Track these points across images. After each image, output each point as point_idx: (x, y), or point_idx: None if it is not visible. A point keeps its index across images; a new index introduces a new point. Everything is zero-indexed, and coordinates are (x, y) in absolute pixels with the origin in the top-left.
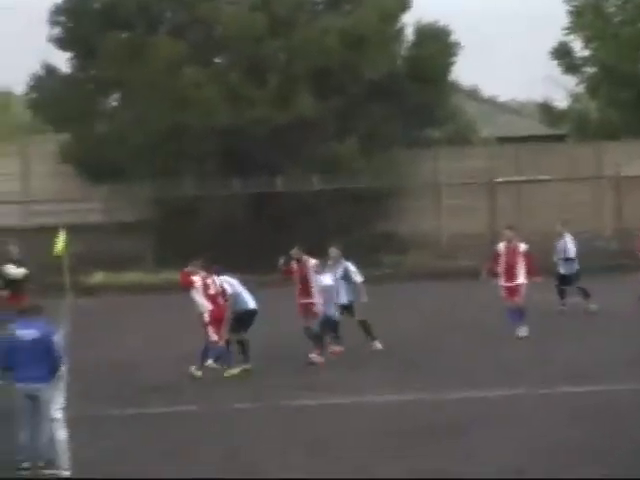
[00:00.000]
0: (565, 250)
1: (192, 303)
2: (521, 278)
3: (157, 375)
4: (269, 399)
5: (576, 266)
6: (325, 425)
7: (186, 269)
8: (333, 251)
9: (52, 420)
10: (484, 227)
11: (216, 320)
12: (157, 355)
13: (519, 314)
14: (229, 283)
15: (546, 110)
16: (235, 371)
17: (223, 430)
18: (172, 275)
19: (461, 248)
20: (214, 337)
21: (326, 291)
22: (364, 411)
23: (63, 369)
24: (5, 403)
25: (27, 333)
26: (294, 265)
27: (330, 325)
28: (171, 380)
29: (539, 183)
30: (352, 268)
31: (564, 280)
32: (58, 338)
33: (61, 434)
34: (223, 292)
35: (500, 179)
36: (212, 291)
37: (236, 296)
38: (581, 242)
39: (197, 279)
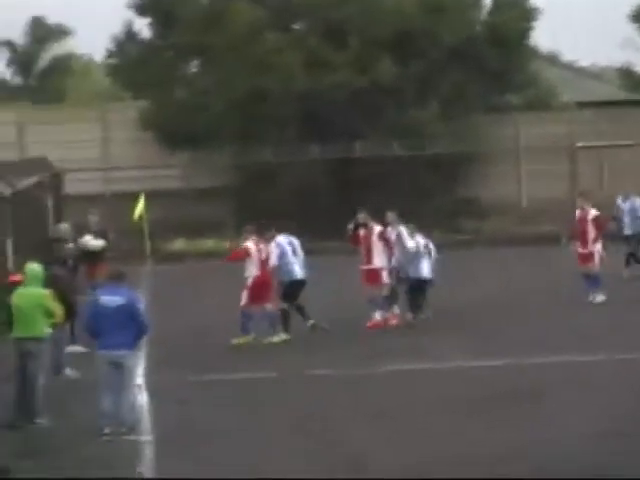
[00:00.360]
0: (634, 209)
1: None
2: (593, 245)
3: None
4: (344, 367)
5: None
6: (404, 392)
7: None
8: (390, 216)
9: (134, 386)
10: (564, 192)
11: (259, 285)
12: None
13: (594, 280)
14: (281, 251)
15: (626, 75)
16: (276, 339)
17: (301, 396)
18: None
19: (541, 213)
20: (244, 301)
21: (412, 255)
22: (442, 377)
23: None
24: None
25: (111, 300)
26: (361, 231)
27: (420, 287)
28: (248, 347)
29: (620, 148)
30: (405, 233)
31: (628, 241)
32: (142, 305)
33: (141, 399)
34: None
35: (581, 144)
36: (263, 256)
37: (283, 266)
38: None
39: (251, 246)
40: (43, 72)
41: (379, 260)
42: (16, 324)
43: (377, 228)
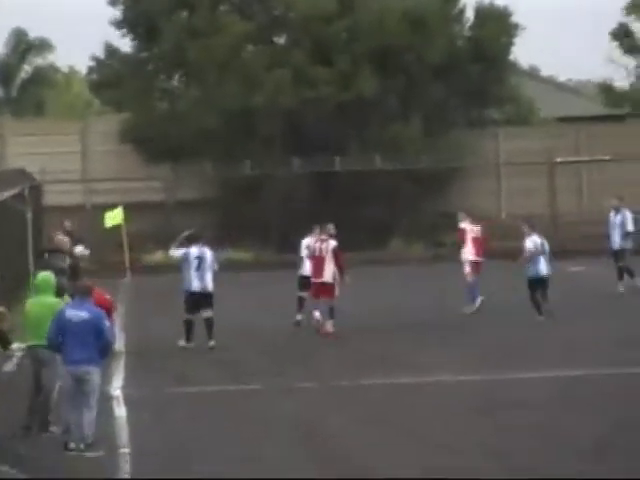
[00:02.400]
0: (623, 224)
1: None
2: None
3: (216, 354)
4: (328, 379)
5: (631, 242)
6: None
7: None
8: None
9: (110, 398)
10: (544, 207)
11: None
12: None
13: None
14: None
15: (606, 90)
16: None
17: (283, 408)
18: (232, 254)
19: (521, 228)
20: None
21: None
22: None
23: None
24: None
25: (76, 314)
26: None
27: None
28: (236, 357)
29: (599, 163)
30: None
31: (617, 256)
32: (106, 322)
33: (119, 412)
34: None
35: (560, 159)
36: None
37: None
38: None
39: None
40: (23, 84)
41: (329, 274)
42: (29, 332)
43: (332, 243)
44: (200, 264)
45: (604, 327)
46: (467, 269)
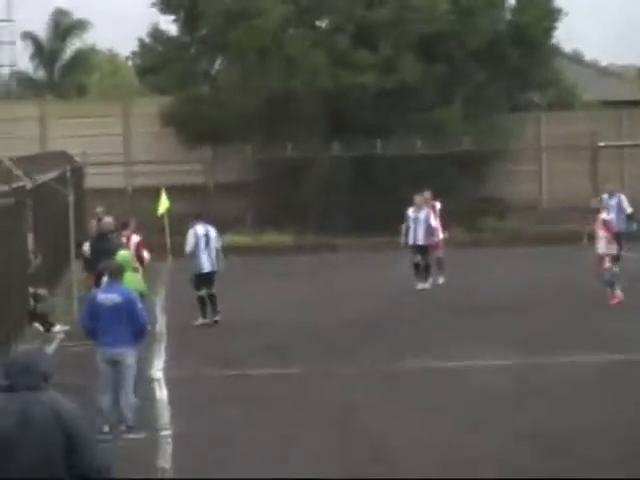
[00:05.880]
0: (620, 207)
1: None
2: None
3: (256, 336)
4: (366, 363)
5: (635, 224)
6: (433, 388)
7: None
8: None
9: (152, 380)
10: (586, 192)
11: None
12: (258, 317)
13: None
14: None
15: None
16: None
17: (323, 393)
18: (272, 237)
19: (562, 213)
20: None
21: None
22: (464, 374)
23: (153, 330)
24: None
25: (108, 297)
26: None
27: None
28: (277, 341)
29: None
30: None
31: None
32: (139, 303)
33: (161, 394)
34: None
35: (602, 143)
36: None
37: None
38: None
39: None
40: (65, 66)
41: None
42: None
43: None
44: (207, 242)
45: None
46: (607, 263)
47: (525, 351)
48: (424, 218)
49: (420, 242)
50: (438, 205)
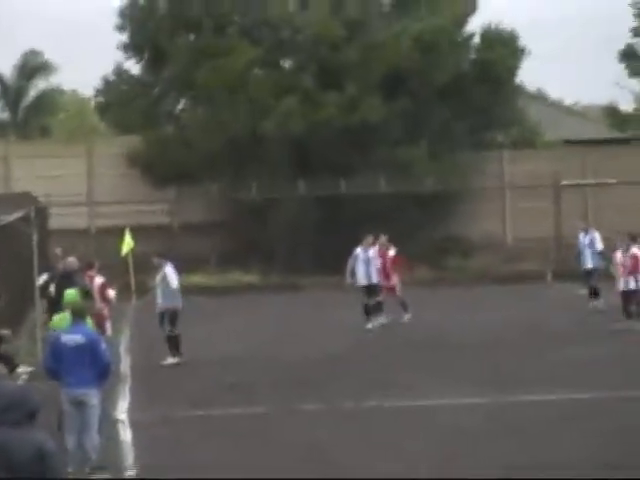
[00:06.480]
0: (593, 244)
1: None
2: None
3: (221, 376)
4: (333, 401)
5: (603, 262)
6: (404, 426)
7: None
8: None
9: (116, 422)
10: (549, 230)
11: None
12: (223, 356)
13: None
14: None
15: (612, 113)
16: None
17: (290, 431)
18: (237, 277)
19: (526, 251)
20: None
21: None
22: (431, 413)
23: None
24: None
25: (71, 338)
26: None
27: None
28: (243, 380)
29: (605, 187)
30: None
31: (589, 275)
32: (103, 344)
33: (125, 435)
34: None
35: (566, 182)
36: None
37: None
38: None
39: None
40: (30, 107)
41: None
42: None
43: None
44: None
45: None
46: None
47: (489, 389)
48: (374, 256)
49: (374, 281)
50: (392, 252)
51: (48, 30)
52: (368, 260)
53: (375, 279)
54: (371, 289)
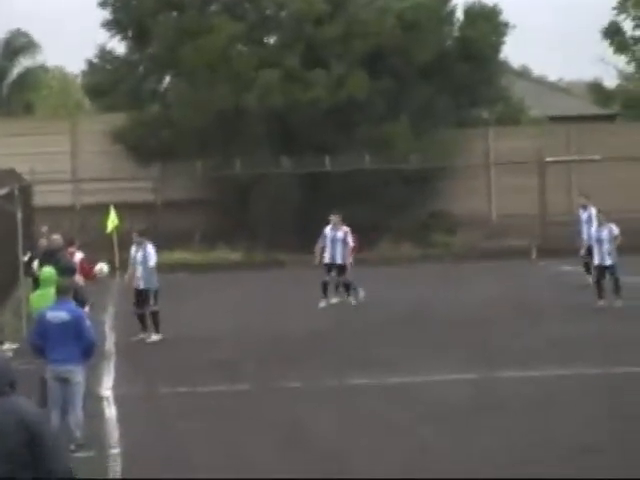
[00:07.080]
0: (590, 220)
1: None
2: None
3: (206, 353)
4: (315, 379)
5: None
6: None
7: None
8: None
9: (101, 399)
10: (534, 207)
11: None
12: (207, 333)
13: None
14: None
15: (596, 90)
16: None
17: (273, 409)
18: (221, 254)
19: (511, 228)
20: None
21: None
22: (416, 390)
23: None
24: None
25: (56, 315)
26: None
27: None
28: (227, 357)
29: (589, 163)
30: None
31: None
32: (88, 321)
33: (110, 412)
34: None
35: (550, 158)
36: None
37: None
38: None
39: None
40: (14, 84)
41: None
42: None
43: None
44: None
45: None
46: None
47: (474, 366)
48: (342, 237)
49: (339, 261)
50: (346, 229)
51: (33, 7)
52: (334, 239)
53: (340, 259)
54: (333, 268)
